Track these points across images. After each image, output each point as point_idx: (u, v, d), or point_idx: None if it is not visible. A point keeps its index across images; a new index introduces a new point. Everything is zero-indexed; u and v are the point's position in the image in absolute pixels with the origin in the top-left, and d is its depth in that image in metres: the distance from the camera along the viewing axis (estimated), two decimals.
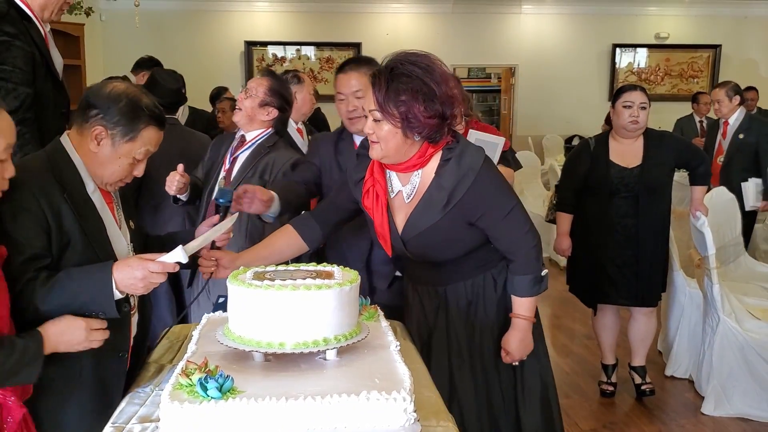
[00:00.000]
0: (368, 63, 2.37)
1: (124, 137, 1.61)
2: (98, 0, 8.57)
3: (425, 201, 1.86)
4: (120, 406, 1.58)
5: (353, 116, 2.36)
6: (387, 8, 9.71)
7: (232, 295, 1.55)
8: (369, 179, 1.93)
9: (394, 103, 1.76)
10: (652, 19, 10.00)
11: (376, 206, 1.91)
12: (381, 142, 1.81)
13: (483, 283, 2.00)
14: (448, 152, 1.85)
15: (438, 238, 1.88)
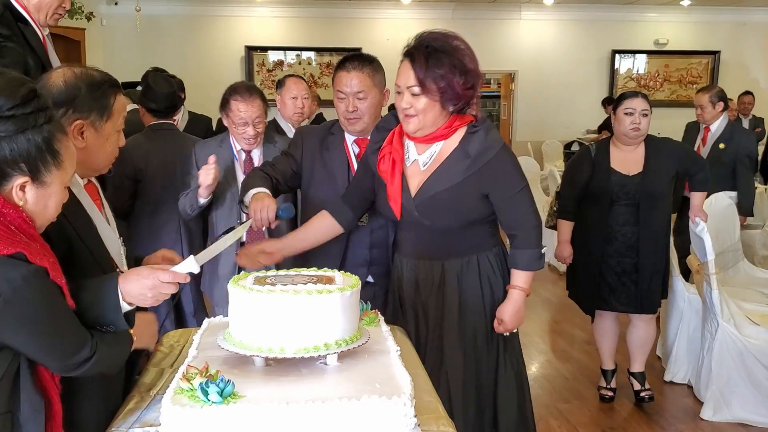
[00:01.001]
0: (371, 62, 2.32)
1: (102, 118, 1.56)
2: (99, 5, 8.59)
3: (446, 165, 2.02)
4: (121, 411, 1.59)
5: (352, 117, 2.30)
6: (387, 14, 9.75)
7: (233, 300, 1.55)
8: (386, 147, 2.09)
9: (434, 77, 1.92)
10: (652, 25, 10.04)
11: (392, 170, 2.06)
12: (419, 116, 1.97)
13: (478, 263, 2.12)
14: (473, 127, 2.03)
15: (450, 202, 2.03)
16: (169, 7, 9.25)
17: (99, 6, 8.60)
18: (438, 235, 2.10)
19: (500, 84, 12.26)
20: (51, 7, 2.46)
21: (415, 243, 2.17)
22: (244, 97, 2.77)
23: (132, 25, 8.28)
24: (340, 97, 2.31)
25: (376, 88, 2.31)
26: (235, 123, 2.78)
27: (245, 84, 2.91)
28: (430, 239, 2.12)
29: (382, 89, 2.35)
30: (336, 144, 2.40)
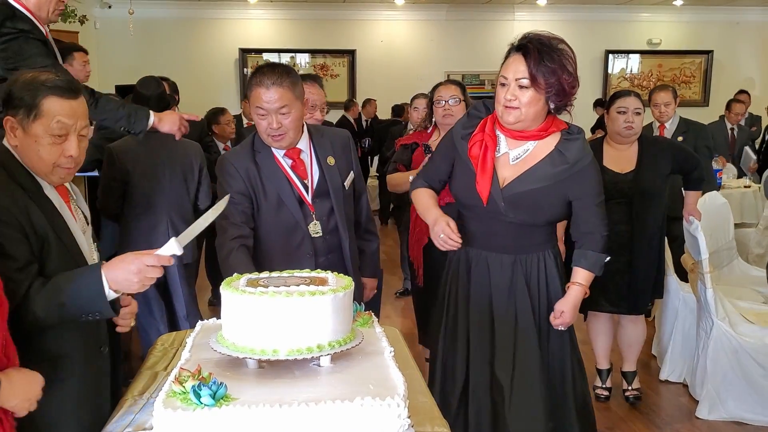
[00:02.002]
0: (288, 74, 2.16)
1: (29, 117, 1.53)
2: (92, 8, 8.58)
3: (542, 165, 2.13)
4: (114, 415, 1.58)
5: (276, 134, 2.16)
6: (381, 15, 9.76)
7: (226, 302, 1.55)
8: (479, 134, 2.16)
9: (545, 72, 2.02)
10: (645, 25, 10.08)
11: (484, 158, 2.13)
12: (522, 108, 2.06)
13: (544, 259, 2.24)
14: (568, 134, 2.15)
15: (537, 200, 2.14)
16: (163, 9, 9.24)
17: (92, 9, 8.58)
18: (513, 228, 2.20)
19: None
20: (51, 2, 2.48)
21: (488, 234, 2.24)
22: (312, 82, 2.88)
23: (125, 28, 8.26)
24: (260, 114, 2.15)
25: (298, 101, 2.17)
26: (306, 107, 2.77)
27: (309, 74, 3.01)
28: (504, 232, 2.21)
29: (302, 99, 2.22)
30: (266, 161, 2.24)
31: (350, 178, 2.35)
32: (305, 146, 2.29)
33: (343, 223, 2.31)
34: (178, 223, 3.32)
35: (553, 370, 2.27)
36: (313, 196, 2.28)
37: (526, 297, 2.23)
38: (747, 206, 5.61)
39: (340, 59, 9.77)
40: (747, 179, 6.00)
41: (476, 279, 2.27)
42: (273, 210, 2.25)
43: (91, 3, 8.52)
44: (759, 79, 10.16)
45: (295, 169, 2.28)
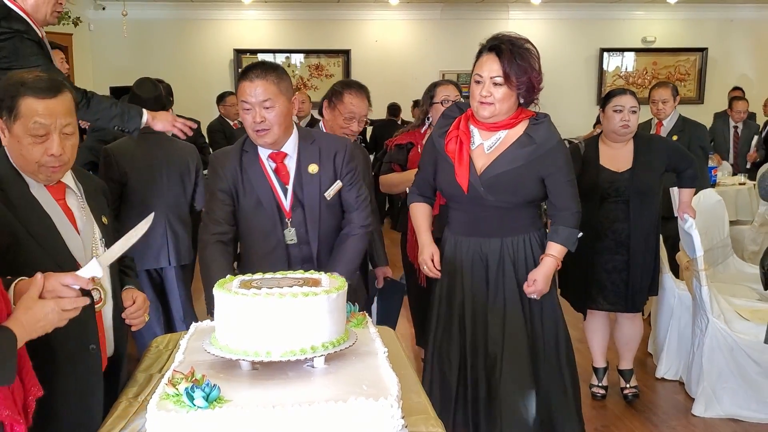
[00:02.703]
0: (275, 70, 2.17)
1: (10, 118, 1.57)
2: (86, 10, 8.55)
3: (513, 148, 2.31)
4: (108, 417, 1.58)
5: (260, 128, 2.15)
6: (376, 15, 9.75)
7: (219, 304, 1.54)
8: (453, 131, 2.35)
9: (517, 70, 2.21)
10: (639, 23, 10.08)
11: (460, 151, 2.31)
12: (496, 104, 2.25)
13: (530, 241, 2.40)
14: (535, 120, 2.33)
15: (513, 181, 2.31)
16: (157, 11, 9.22)
17: (86, 11, 8.56)
18: (497, 212, 2.36)
19: None
20: (49, 4, 2.47)
21: (474, 221, 2.40)
22: (359, 93, 2.88)
23: (119, 30, 8.24)
24: (245, 108, 2.16)
25: (283, 96, 2.16)
26: (343, 114, 2.86)
27: (357, 82, 3.01)
28: (489, 217, 2.37)
29: (289, 97, 2.20)
30: (251, 162, 2.25)
31: (335, 188, 2.28)
32: (292, 150, 2.26)
33: (315, 234, 2.27)
34: (176, 224, 3.31)
35: (548, 344, 2.44)
36: (291, 203, 2.26)
37: (513, 277, 2.39)
38: (742, 203, 5.62)
39: (334, 59, 9.76)
40: (742, 176, 6.01)
41: (467, 264, 2.42)
42: (251, 211, 2.27)
43: (85, 5, 8.50)
44: (753, 76, 10.17)
45: (278, 173, 2.26)
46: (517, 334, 2.39)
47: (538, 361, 2.43)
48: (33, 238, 1.54)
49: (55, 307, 1.37)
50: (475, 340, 2.43)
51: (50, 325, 1.38)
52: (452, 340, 2.45)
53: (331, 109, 2.92)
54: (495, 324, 2.39)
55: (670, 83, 4.72)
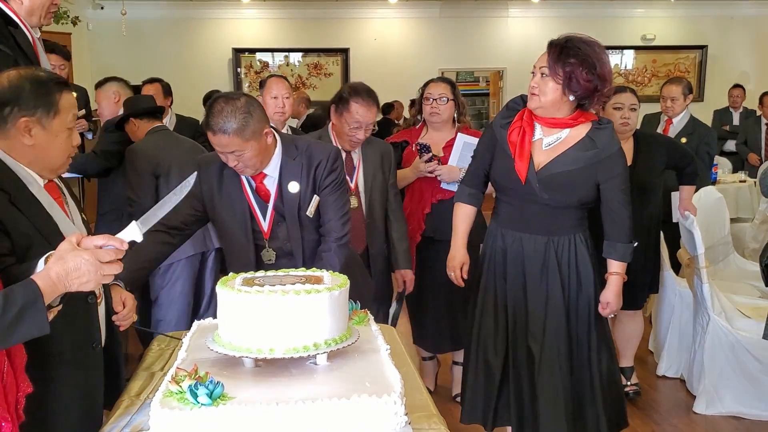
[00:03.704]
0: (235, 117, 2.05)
1: (49, 115, 1.57)
2: (85, 9, 8.54)
3: (573, 150, 2.33)
4: (111, 416, 1.58)
5: (239, 169, 2.14)
6: (374, 13, 9.74)
7: (222, 301, 1.54)
8: (517, 122, 2.38)
9: (562, 64, 2.23)
10: (639, 20, 10.08)
11: (522, 142, 2.34)
12: (541, 96, 2.29)
13: (576, 242, 2.42)
14: (598, 124, 2.36)
15: (569, 182, 2.34)
16: (156, 10, 9.21)
17: (85, 10, 8.54)
18: (547, 211, 2.38)
19: (489, 82, 12.28)
20: (43, 7, 2.44)
21: (524, 217, 2.42)
22: (366, 101, 2.83)
23: (118, 29, 8.22)
24: (220, 151, 2.12)
25: (251, 141, 2.08)
26: (349, 124, 2.82)
27: (365, 87, 2.93)
28: (539, 215, 2.39)
29: (260, 133, 2.10)
30: (231, 177, 2.23)
31: (314, 204, 2.25)
32: (273, 170, 2.22)
33: (300, 249, 2.26)
34: None
35: (581, 346, 2.45)
36: (272, 220, 2.24)
37: (557, 276, 2.41)
38: (743, 201, 5.61)
39: (333, 58, 9.75)
40: (742, 174, 6.00)
41: (511, 259, 2.45)
42: (228, 225, 2.28)
43: (84, 4, 8.48)
44: (753, 74, 10.17)
45: (258, 191, 2.25)
46: (557, 334, 2.40)
47: (572, 357, 2.45)
48: (45, 239, 1.53)
49: (90, 258, 1.30)
50: (516, 336, 2.45)
51: (87, 278, 1.30)
52: (498, 334, 2.48)
53: (338, 114, 2.88)
54: (535, 321, 2.42)
55: (684, 80, 4.56)
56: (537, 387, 2.39)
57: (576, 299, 2.44)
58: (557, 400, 2.37)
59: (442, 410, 1.61)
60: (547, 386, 2.38)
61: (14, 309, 1.23)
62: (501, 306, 2.48)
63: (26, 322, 1.25)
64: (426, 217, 3.22)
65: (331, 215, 2.27)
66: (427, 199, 3.21)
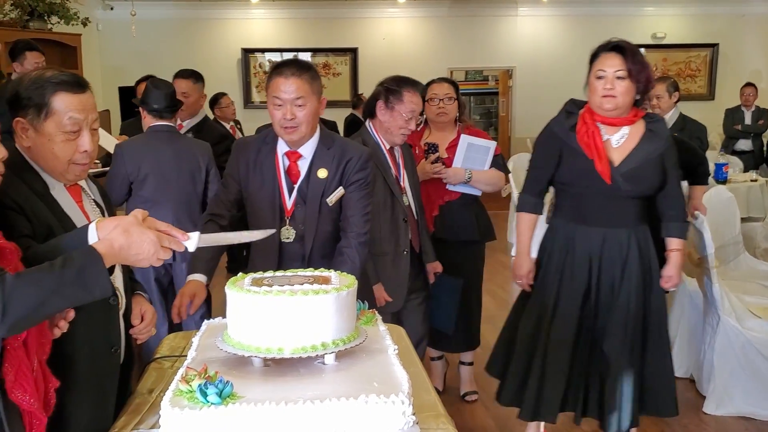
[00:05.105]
0: (309, 69, 2.22)
1: (39, 116, 1.50)
2: (95, 10, 8.59)
3: (644, 143, 2.52)
4: (122, 414, 1.59)
5: (289, 125, 2.19)
6: (383, 13, 9.74)
7: (231, 301, 1.55)
8: (583, 125, 2.53)
9: (638, 67, 2.45)
10: (649, 19, 10.03)
11: (593, 144, 2.49)
12: (619, 97, 2.45)
13: (644, 231, 2.58)
14: (650, 118, 2.58)
15: (648, 173, 2.51)
16: (165, 11, 9.25)
17: (95, 11, 8.60)
18: (626, 203, 2.53)
19: (498, 81, 12.25)
20: None
21: (603, 212, 2.55)
22: (416, 90, 2.82)
23: (129, 30, 8.26)
24: (276, 104, 2.19)
25: (314, 96, 2.20)
26: (404, 114, 2.78)
27: (407, 77, 2.91)
28: (624, 205, 2.54)
29: (319, 97, 2.24)
30: (267, 156, 2.30)
31: (337, 194, 2.29)
32: (308, 153, 2.29)
33: (312, 235, 2.29)
34: (185, 221, 3.31)
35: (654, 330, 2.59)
36: (294, 202, 2.29)
37: (638, 265, 2.54)
38: (753, 200, 5.58)
39: (342, 57, 9.76)
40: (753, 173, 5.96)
41: (585, 253, 2.55)
42: (256, 204, 2.32)
43: (93, 5, 8.54)
44: (766, 72, 10.10)
45: (289, 171, 2.30)
46: (636, 323, 2.54)
47: (653, 348, 2.60)
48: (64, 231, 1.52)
49: (154, 238, 1.34)
50: (593, 328, 2.57)
51: (144, 256, 1.34)
52: (569, 327, 2.57)
53: (389, 110, 2.80)
54: (616, 314, 2.53)
55: (669, 78, 4.58)
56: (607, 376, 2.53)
57: (651, 287, 2.58)
58: (627, 390, 2.51)
59: (451, 410, 1.62)
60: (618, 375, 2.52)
61: (73, 269, 1.25)
62: (574, 303, 2.57)
63: (88, 281, 1.27)
64: (435, 220, 3.22)
65: (353, 212, 2.31)
66: (434, 201, 3.21)
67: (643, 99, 2.55)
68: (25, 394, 1.27)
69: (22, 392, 1.27)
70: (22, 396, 1.27)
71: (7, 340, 1.26)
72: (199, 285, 2.18)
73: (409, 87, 2.81)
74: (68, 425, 1.49)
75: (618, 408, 2.54)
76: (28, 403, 1.28)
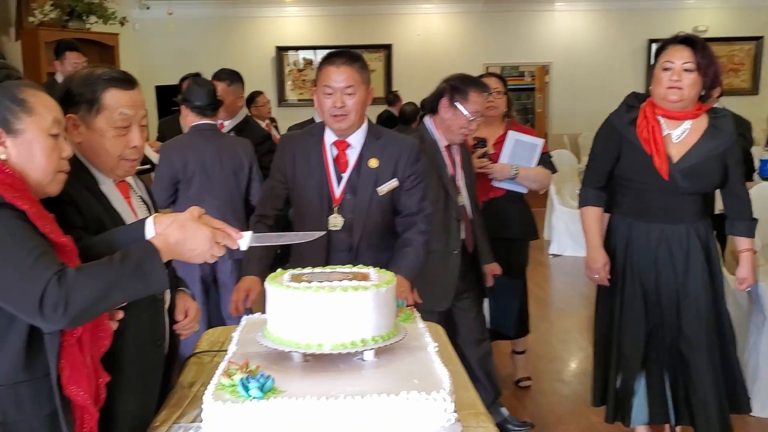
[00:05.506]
0: (359, 59, 2.27)
1: (90, 112, 1.53)
2: (132, 9, 8.72)
3: (706, 139, 2.49)
4: (163, 407, 1.61)
5: (339, 114, 2.22)
6: (418, 9, 9.71)
7: (271, 297, 1.56)
8: (643, 120, 2.50)
9: (707, 61, 2.42)
10: (690, 12, 9.80)
11: (654, 138, 2.46)
12: (685, 89, 2.42)
13: (706, 227, 2.56)
14: (715, 113, 2.54)
15: (708, 170, 2.49)
16: (201, 10, 9.36)
17: (131, 10, 8.73)
18: (687, 199, 2.51)
19: (534, 76, 12.12)
20: None
21: (661, 207, 2.52)
22: (483, 90, 2.82)
23: (164, 29, 8.39)
24: (327, 92, 2.22)
25: (364, 85, 2.25)
26: (469, 115, 2.76)
27: (475, 77, 2.91)
28: (683, 201, 2.51)
29: (368, 87, 2.28)
30: (314, 146, 2.33)
31: (389, 185, 2.30)
32: (357, 142, 2.31)
33: (360, 225, 2.29)
34: (230, 219, 3.33)
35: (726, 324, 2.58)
36: (343, 191, 2.30)
37: (702, 262, 2.52)
38: None
39: (376, 54, 9.76)
40: None
41: (650, 248, 2.53)
42: (303, 194, 2.33)
43: (130, 4, 8.67)
44: None
45: (337, 161, 2.32)
46: (708, 317, 2.52)
47: (723, 344, 2.57)
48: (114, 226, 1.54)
49: (210, 234, 1.38)
50: (662, 326, 2.55)
51: (199, 252, 1.37)
52: (639, 329, 2.55)
53: (453, 108, 2.76)
54: (687, 312, 2.51)
55: None
56: (689, 380, 2.51)
57: (714, 283, 2.56)
58: (711, 389, 2.50)
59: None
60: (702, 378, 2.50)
61: (132, 263, 1.28)
62: (641, 299, 2.56)
63: (147, 274, 1.30)
64: None
65: (415, 210, 2.33)
66: (479, 197, 3.19)
67: (709, 95, 2.51)
68: (79, 389, 1.30)
69: (77, 387, 1.30)
70: (76, 391, 1.30)
71: (64, 336, 1.28)
72: (254, 280, 2.23)
73: (476, 87, 2.78)
74: (115, 418, 1.51)
75: (706, 411, 2.50)
76: (81, 398, 1.31)
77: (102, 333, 1.37)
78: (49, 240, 1.27)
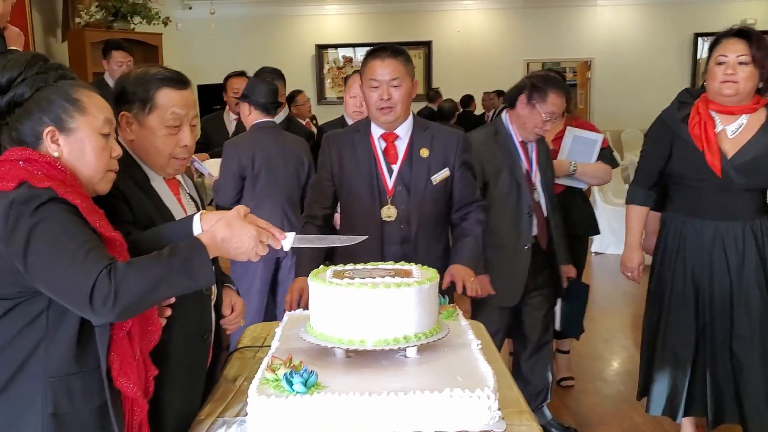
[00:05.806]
0: (403, 53, 2.29)
1: (143, 110, 1.56)
2: (174, 9, 8.88)
3: (762, 135, 2.43)
4: (207, 401, 1.63)
5: (386, 106, 2.25)
6: (457, 5, 9.66)
7: (314, 293, 1.57)
8: (696, 116, 2.47)
9: (764, 53, 2.37)
10: (738, 4, 9.51)
11: (707, 135, 2.43)
12: (740, 82, 2.38)
13: (763, 224, 2.50)
14: None
15: (764, 165, 2.42)
16: (242, 9, 9.47)
17: (174, 11, 8.88)
18: (742, 195, 2.47)
19: (576, 72, 11.93)
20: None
21: (715, 204, 2.48)
22: (562, 92, 2.80)
23: (206, 28, 8.51)
24: (373, 86, 2.26)
25: (409, 77, 2.28)
26: (544, 115, 2.73)
27: (556, 77, 2.89)
28: (732, 199, 2.47)
29: (413, 79, 2.31)
30: (362, 140, 2.35)
31: (442, 174, 2.32)
32: (404, 134, 2.33)
33: (416, 215, 2.30)
34: (291, 215, 3.36)
35: None
36: (395, 182, 2.31)
37: (756, 260, 2.47)
38: None
39: (416, 51, 9.73)
40: None
41: (704, 246, 2.50)
42: (353, 188, 2.34)
43: (173, 5, 8.82)
44: None
45: (386, 153, 2.33)
46: (763, 315, 2.47)
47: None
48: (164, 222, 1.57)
49: (255, 233, 1.40)
50: (713, 325, 2.51)
51: (244, 250, 1.40)
52: (688, 325, 2.53)
53: (530, 106, 2.74)
54: (741, 310, 2.47)
55: None
56: (741, 379, 2.47)
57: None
58: (764, 388, 2.46)
59: None
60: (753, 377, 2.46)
61: (180, 258, 1.30)
62: (692, 299, 2.53)
63: (194, 270, 1.32)
64: None
65: (468, 198, 2.38)
66: None
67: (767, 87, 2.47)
68: (129, 381, 1.33)
69: (126, 379, 1.33)
70: (126, 383, 1.33)
71: (114, 330, 1.31)
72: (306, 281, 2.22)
73: (555, 88, 2.75)
74: (161, 412, 1.53)
75: (759, 412, 2.47)
76: (131, 391, 1.34)
77: (151, 327, 1.39)
78: (100, 234, 1.29)
